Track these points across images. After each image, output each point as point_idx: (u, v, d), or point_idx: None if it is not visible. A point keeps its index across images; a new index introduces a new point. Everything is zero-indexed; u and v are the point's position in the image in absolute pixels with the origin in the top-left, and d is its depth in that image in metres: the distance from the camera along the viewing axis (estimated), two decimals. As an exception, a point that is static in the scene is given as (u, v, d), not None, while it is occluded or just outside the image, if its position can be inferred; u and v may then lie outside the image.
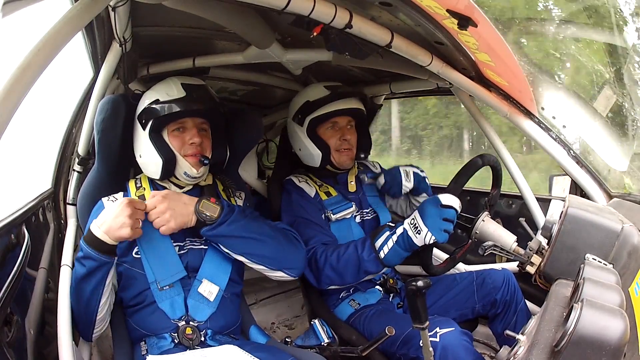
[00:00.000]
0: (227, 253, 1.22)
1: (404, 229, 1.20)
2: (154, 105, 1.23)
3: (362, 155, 1.61)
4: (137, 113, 1.28)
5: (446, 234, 1.17)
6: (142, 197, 1.27)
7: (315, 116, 1.52)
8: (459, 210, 1.18)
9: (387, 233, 1.23)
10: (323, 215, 1.51)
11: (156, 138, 1.24)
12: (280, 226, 1.35)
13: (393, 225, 1.27)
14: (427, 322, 1.04)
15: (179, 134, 1.25)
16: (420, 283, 0.98)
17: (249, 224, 1.22)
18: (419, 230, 1.16)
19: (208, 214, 1.17)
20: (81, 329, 1.18)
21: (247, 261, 1.24)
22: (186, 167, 1.25)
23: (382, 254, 1.23)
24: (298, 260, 1.29)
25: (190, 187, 1.31)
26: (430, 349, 1.08)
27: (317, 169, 1.60)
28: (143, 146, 1.26)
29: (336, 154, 1.55)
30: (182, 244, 1.25)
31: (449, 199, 1.16)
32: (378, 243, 1.24)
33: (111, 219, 1.08)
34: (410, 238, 1.18)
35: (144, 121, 1.24)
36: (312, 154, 1.55)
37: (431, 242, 1.17)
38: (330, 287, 1.41)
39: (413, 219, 1.19)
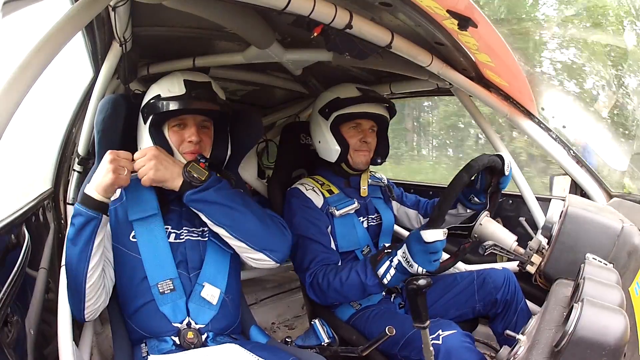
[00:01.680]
0: (209, 223, 1.19)
1: (398, 260, 1.24)
2: (154, 101, 1.23)
3: (379, 160, 1.63)
4: (141, 106, 1.28)
5: (437, 262, 1.21)
6: None
7: (341, 113, 1.54)
8: (444, 238, 1.20)
9: (387, 262, 1.26)
10: (328, 227, 1.51)
11: (156, 133, 1.24)
12: (269, 212, 1.33)
13: (389, 251, 1.29)
14: (428, 322, 1.05)
15: (178, 130, 1.25)
16: (421, 282, 0.98)
17: (235, 194, 1.21)
18: (410, 264, 1.20)
19: (195, 176, 1.15)
20: (73, 303, 1.13)
21: (228, 235, 1.19)
22: None
23: (385, 281, 1.27)
24: (282, 244, 1.24)
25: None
26: (431, 348, 1.08)
27: (329, 167, 1.62)
28: (143, 140, 1.26)
29: (354, 153, 1.56)
30: (178, 232, 1.24)
31: (432, 236, 1.18)
32: (380, 271, 1.27)
33: (97, 174, 1.09)
34: (406, 269, 1.22)
35: (145, 115, 1.25)
36: (331, 149, 1.56)
37: (424, 272, 1.21)
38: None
39: (404, 252, 1.22)
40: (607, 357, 0.64)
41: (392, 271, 1.24)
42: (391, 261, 1.25)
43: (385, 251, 1.30)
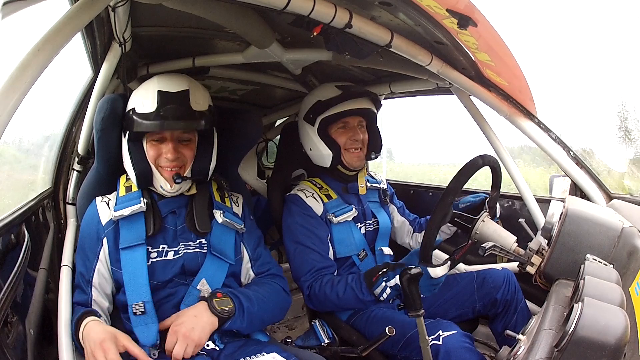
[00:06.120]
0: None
1: (396, 283, 1.22)
2: (131, 114, 1.20)
3: (373, 155, 1.61)
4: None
5: (438, 286, 1.23)
6: (129, 189, 1.26)
7: (326, 116, 1.52)
8: (446, 274, 1.21)
9: (383, 284, 1.25)
10: (328, 235, 1.50)
11: (133, 147, 1.22)
12: (277, 283, 1.35)
13: (385, 271, 1.27)
14: (423, 310, 1.08)
15: (157, 143, 1.21)
16: (413, 270, 1.06)
17: (251, 309, 1.20)
18: None
19: (227, 309, 1.15)
20: None
21: None
22: (162, 182, 1.23)
23: (382, 298, 1.27)
24: (285, 310, 1.37)
25: (175, 195, 1.27)
26: (427, 337, 1.10)
27: (327, 170, 1.60)
28: (125, 152, 1.25)
29: (346, 153, 1.54)
30: (176, 249, 1.24)
31: (441, 272, 1.19)
32: (377, 291, 1.26)
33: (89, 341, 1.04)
34: None
35: (124, 126, 1.23)
36: (323, 154, 1.54)
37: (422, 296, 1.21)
38: None
39: None
40: (608, 357, 0.64)
41: (389, 290, 1.24)
42: (387, 281, 1.24)
43: (381, 272, 1.27)
